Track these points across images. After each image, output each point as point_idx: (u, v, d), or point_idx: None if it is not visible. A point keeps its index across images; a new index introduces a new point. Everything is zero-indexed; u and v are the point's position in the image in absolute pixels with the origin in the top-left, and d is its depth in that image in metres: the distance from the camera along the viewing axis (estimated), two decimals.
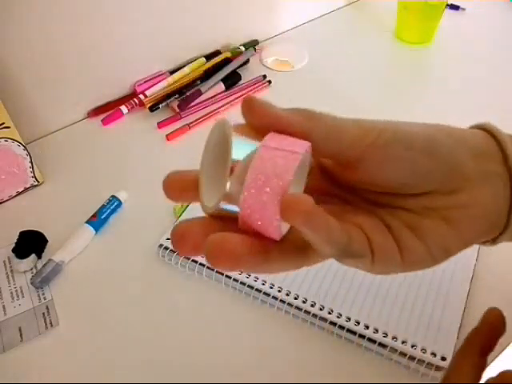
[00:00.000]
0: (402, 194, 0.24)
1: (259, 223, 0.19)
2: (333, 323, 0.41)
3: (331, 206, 0.24)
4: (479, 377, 0.27)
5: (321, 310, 0.42)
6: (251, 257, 0.20)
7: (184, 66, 0.70)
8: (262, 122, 0.21)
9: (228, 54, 0.73)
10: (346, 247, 0.21)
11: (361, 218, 0.23)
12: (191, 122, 0.64)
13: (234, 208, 0.20)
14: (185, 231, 0.21)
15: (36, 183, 0.57)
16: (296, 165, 0.19)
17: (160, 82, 0.68)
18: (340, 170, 0.24)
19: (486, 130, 0.25)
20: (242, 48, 0.75)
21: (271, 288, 0.44)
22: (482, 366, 0.28)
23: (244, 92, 0.68)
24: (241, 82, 0.70)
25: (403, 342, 0.39)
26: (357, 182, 0.24)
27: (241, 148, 0.20)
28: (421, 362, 0.38)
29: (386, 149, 0.22)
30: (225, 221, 0.21)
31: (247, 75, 0.71)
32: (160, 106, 0.66)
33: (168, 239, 0.48)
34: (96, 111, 0.67)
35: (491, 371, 0.38)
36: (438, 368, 0.38)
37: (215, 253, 0.19)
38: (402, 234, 0.23)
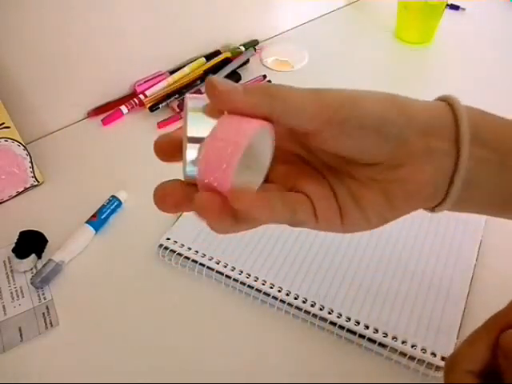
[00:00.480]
0: (353, 161, 0.26)
1: (215, 175, 0.21)
2: (333, 323, 0.41)
3: (291, 166, 0.28)
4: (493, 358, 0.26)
5: (321, 310, 0.42)
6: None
7: (184, 66, 0.70)
8: (226, 108, 0.23)
9: (228, 54, 0.73)
10: (290, 219, 0.25)
11: (312, 186, 0.26)
12: None
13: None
14: (166, 191, 0.24)
15: (36, 183, 0.57)
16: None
17: (160, 82, 0.68)
18: (303, 136, 0.26)
19: (449, 102, 0.26)
20: (242, 48, 0.75)
21: (271, 288, 0.44)
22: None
23: None
24: (241, 82, 0.70)
25: (403, 342, 0.39)
26: (316, 147, 0.27)
27: (202, 123, 0.22)
28: (421, 361, 0.38)
29: (341, 126, 0.24)
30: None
31: (247, 75, 0.71)
32: (160, 106, 0.66)
33: (168, 239, 0.48)
34: (96, 111, 0.67)
35: None
36: (437, 368, 0.38)
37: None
38: (345, 202, 0.26)
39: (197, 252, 0.47)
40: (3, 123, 0.51)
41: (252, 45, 0.76)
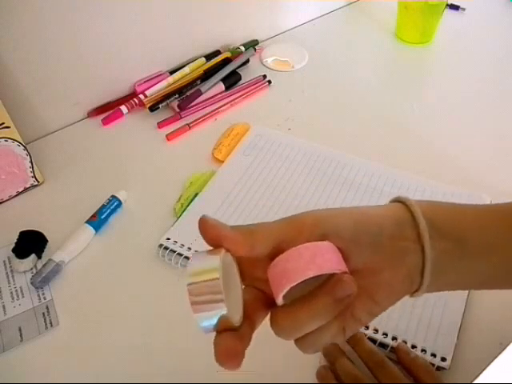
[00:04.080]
0: None
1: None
2: None
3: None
4: None
5: None
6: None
7: (184, 66, 0.70)
8: (214, 243, 0.27)
9: (228, 54, 0.73)
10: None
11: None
12: (191, 122, 0.64)
13: None
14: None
15: (36, 183, 0.57)
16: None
17: (160, 82, 0.68)
18: None
19: (404, 203, 0.30)
20: (242, 48, 0.75)
21: None
22: None
23: (244, 92, 0.68)
24: (241, 82, 0.70)
25: (403, 343, 0.39)
26: None
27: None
28: None
29: (322, 238, 0.27)
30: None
31: (247, 75, 0.71)
32: (160, 106, 0.66)
33: (168, 239, 0.48)
34: (96, 111, 0.67)
35: (490, 372, 0.38)
36: (438, 368, 0.38)
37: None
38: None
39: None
40: (3, 123, 0.51)
41: (252, 45, 0.76)
